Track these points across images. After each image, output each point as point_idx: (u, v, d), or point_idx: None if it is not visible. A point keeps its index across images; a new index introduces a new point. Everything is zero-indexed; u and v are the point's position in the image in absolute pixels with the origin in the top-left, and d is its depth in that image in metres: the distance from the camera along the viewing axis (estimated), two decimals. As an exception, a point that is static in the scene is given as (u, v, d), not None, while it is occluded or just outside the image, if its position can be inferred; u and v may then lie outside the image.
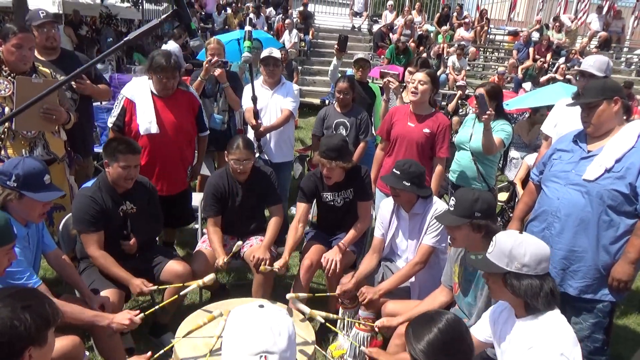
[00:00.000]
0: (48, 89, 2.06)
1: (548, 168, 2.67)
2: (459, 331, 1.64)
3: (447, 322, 1.64)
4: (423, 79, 3.52)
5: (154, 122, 3.35)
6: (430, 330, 1.62)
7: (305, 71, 12.56)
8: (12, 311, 1.30)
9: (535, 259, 1.83)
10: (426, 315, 1.74)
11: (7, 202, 2.27)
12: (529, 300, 1.83)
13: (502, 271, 1.86)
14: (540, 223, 2.64)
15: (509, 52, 13.94)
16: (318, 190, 3.33)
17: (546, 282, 1.82)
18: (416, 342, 1.63)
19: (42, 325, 1.35)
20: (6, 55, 2.97)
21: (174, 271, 2.88)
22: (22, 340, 1.30)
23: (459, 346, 1.62)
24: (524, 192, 3.00)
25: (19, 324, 1.29)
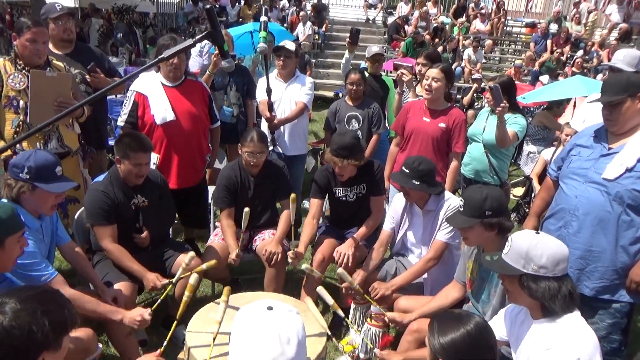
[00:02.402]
0: (97, 93, 2.03)
1: (566, 164, 2.58)
2: (487, 339, 1.58)
3: (477, 326, 1.58)
4: (437, 76, 3.44)
5: (170, 110, 3.34)
6: (458, 329, 1.57)
7: (319, 64, 12.50)
8: (31, 315, 1.28)
9: (553, 260, 1.77)
10: (454, 313, 1.69)
11: (20, 194, 2.29)
12: (546, 303, 1.76)
13: (518, 273, 1.80)
14: (557, 221, 2.56)
15: (526, 45, 13.71)
16: (330, 185, 3.30)
17: (564, 283, 1.76)
18: (440, 335, 1.58)
19: (59, 332, 1.34)
20: (21, 50, 2.99)
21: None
22: (38, 346, 1.29)
23: (484, 354, 1.57)
24: (541, 188, 2.92)
25: (36, 330, 1.27)
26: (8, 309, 1.27)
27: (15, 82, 2.97)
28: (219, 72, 4.20)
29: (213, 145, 3.77)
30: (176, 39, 3.41)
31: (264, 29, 3.63)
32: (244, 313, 1.24)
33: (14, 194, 2.28)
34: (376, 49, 4.80)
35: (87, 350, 2.21)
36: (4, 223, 1.78)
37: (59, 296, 1.43)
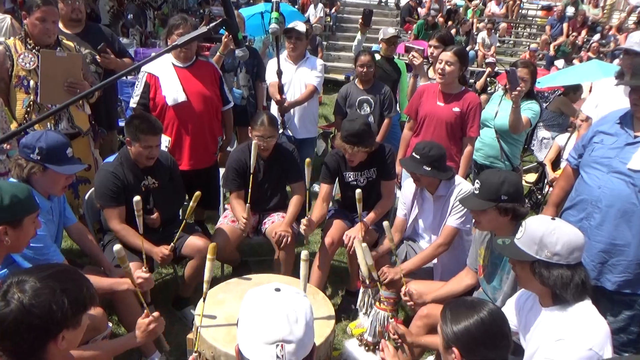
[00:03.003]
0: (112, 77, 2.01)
1: (588, 152, 2.46)
2: (502, 327, 1.55)
3: (491, 314, 1.55)
4: (450, 59, 3.35)
5: (181, 91, 3.32)
6: (471, 317, 1.53)
7: (330, 47, 12.38)
8: (50, 293, 1.28)
9: (568, 248, 1.71)
10: (467, 301, 1.65)
11: (31, 175, 2.29)
12: (557, 291, 1.72)
13: (530, 259, 1.76)
14: (578, 212, 2.45)
15: (542, 28, 13.44)
16: (340, 169, 3.28)
17: (578, 272, 1.71)
18: (453, 323, 1.55)
19: (78, 310, 1.34)
20: (30, 29, 2.98)
21: (195, 246, 2.90)
22: (57, 324, 1.29)
23: (499, 342, 1.53)
24: (560, 176, 2.82)
25: (56, 309, 1.27)
26: (28, 287, 1.27)
27: (26, 61, 2.97)
28: (229, 53, 4.16)
29: (226, 127, 3.75)
30: (187, 19, 3.37)
31: (276, 10, 3.58)
32: (252, 295, 1.24)
33: (24, 174, 2.29)
34: (392, 31, 4.72)
35: (98, 329, 2.23)
36: (22, 202, 1.79)
37: (77, 275, 1.43)
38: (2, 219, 1.74)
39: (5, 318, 1.23)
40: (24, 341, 1.25)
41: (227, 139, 3.82)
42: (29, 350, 1.27)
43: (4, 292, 1.27)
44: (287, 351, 1.13)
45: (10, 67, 2.95)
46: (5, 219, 1.75)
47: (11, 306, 1.24)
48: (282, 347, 1.13)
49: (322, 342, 2.17)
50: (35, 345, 1.27)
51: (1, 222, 1.74)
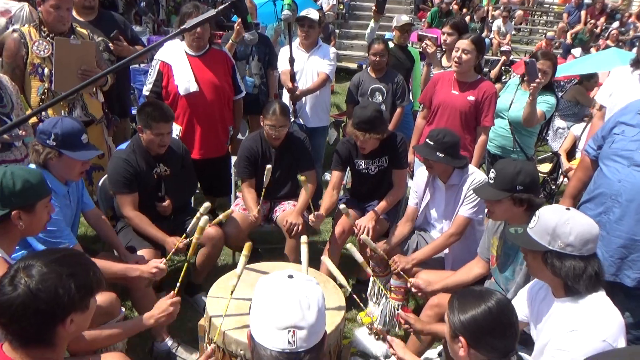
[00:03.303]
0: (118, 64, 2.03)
1: (608, 144, 2.38)
2: (509, 316, 1.54)
3: (498, 303, 1.53)
4: (467, 47, 3.30)
5: (193, 80, 3.33)
6: (479, 306, 1.52)
7: (342, 35, 12.28)
8: (57, 278, 1.29)
9: (582, 239, 1.68)
10: (475, 290, 1.64)
11: (47, 160, 2.33)
12: (570, 283, 1.69)
13: (543, 249, 1.73)
14: (597, 206, 2.38)
15: (559, 16, 13.19)
16: (352, 157, 3.27)
17: (591, 263, 1.68)
18: (460, 312, 1.54)
19: (85, 294, 1.35)
20: (45, 16, 3.00)
21: (207, 234, 2.92)
22: (64, 308, 1.31)
23: (506, 331, 1.52)
24: (578, 167, 2.74)
25: (62, 293, 1.29)
26: (34, 272, 1.29)
27: (40, 49, 2.99)
28: (241, 41, 4.15)
29: (235, 117, 3.75)
30: (199, 7, 3.36)
31: None
32: (265, 281, 1.24)
33: (41, 159, 2.33)
34: (406, 18, 4.66)
35: (111, 314, 2.27)
36: (34, 187, 1.81)
37: (84, 259, 1.45)
38: (15, 204, 1.76)
39: (12, 302, 1.25)
40: (31, 325, 1.26)
41: (237, 128, 3.83)
42: (36, 334, 1.28)
43: (12, 276, 1.29)
44: (299, 337, 1.14)
45: (25, 55, 2.97)
46: (18, 204, 1.77)
47: (18, 291, 1.26)
48: (294, 333, 1.14)
49: (333, 330, 2.18)
50: (43, 329, 1.29)
51: (14, 207, 1.76)
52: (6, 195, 1.74)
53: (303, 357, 1.15)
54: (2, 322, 1.27)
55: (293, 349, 1.14)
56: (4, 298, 1.26)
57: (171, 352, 2.69)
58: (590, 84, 6.09)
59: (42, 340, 1.30)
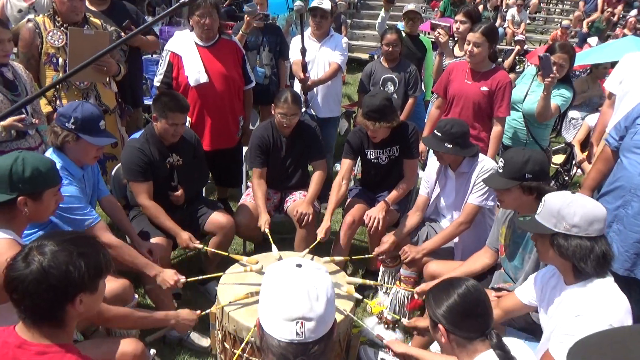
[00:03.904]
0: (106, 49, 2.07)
1: (630, 135, 2.32)
2: (478, 297, 1.59)
3: (467, 287, 1.59)
4: (477, 40, 3.25)
5: (203, 71, 3.34)
6: (450, 296, 1.58)
7: (354, 25, 12.18)
8: (68, 256, 1.34)
9: (587, 219, 1.69)
10: (445, 281, 1.70)
11: (65, 142, 2.38)
12: (576, 263, 1.70)
13: (549, 232, 1.75)
14: (615, 199, 2.34)
15: (575, 4, 12.93)
16: (363, 146, 3.26)
17: (598, 244, 1.69)
18: (437, 307, 1.60)
19: (95, 274, 1.39)
20: (59, 6, 3.03)
21: (217, 222, 2.95)
22: (75, 286, 1.35)
23: (477, 309, 1.58)
24: (598, 158, 2.68)
25: (73, 270, 1.33)
26: (47, 250, 1.34)
27: (55, 39, 3.02)
28: (252, 31, 4.15)
29: (245, 107, 3.76)
30: None
31: None
32: (273, 270, 1.24)
33: (59, 141, 2.37)
34: (411, 6, 4.61)
35: (125, 300, 2.31)
36: (43, 175, 1.83)
37: (94, 241, 1.49)
38: (22, 190, 1.77)
39: (25, 278, 1.30)
40: (44, 301, 1.32)
41: (247, 118, 3.83)
42: (48, 310, 1.33)
43: (25, 255, 1.34)
44: (307, 328, 1.14)
45: (39, 45, 3.01)
46: (26, 191, 1.78)
47: (31, 267, 1.31)
48: (302, 324, 1.13)
49: (342, 319, 2.20)
50: (55, 306, 1.34)
51: (22, 193, 1.77)
52: (14, 180, 1.76)
53: (311, 347, 1.15)
54: (15, 299, 1.33)
55: (301, 340, 1.14)
56: (17, 274, 1.32)
57: (183, 339, 2.73)
58: (599, 71, 5.98)
59: (54, 318, 1.35)
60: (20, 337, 1.33)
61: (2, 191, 1.75)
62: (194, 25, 3.36)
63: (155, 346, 2.42)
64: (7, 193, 1.75)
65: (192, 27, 3.40)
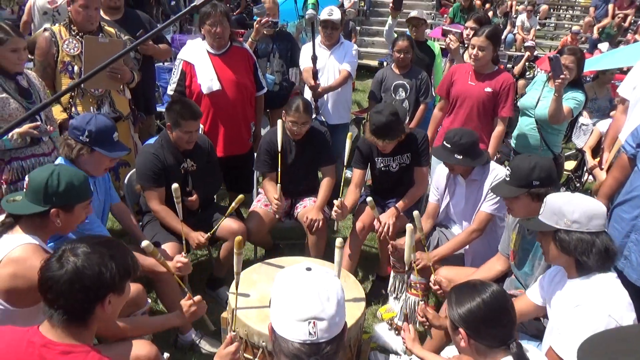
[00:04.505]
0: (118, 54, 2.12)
1: None
2: (504, 305, 1.58)
3: (493, 294, 1.58)
4: (482, 44, 3.30)
5: (215, 79, 3.38)
6: (474, 299, 1.57)
7: (363, 32, 12.23)
8: (100, 258, 1.41)
9: (586, 215, 1.74)
10: (470, 283, 1.69)
11: (79, 155, 2.41)
12: (578, 257, 1.74)
13: (551, 229, 1.80)
14: (633, 209, 2.31)
15: (585, 10, 12.87)
16: (373, 154, 3.28)
17: (599, 238, 1.73)
18: (457, 306, 1.60)
19: (124, 275, 1.46)
20: (74, 15, 3.09)
21: (230, 228, 2.97)
22: (106, 286, 1.41)
23: (502, 320, 1.57)
24: (614, 166, 2.66)
25: (105, 271, 1.40)
26: (80, 252, 1.41)
27: (70, 47, 3.08)
28: (263, 39, 4.19)
29: (256, 113, 3.79)
30: (217, 5, 3.38)
31: None
32: (284, 274, 1.27)
33: (73, 154, 2.41)
34: (414, 13, 4.63)
35: (138, 305, 2.34)
36: (76, 190, 1.91)
37: (122, 245, 1.57)
38: (56, 203, 1.85)
39: (60, 278, 1.36)
40: (77, 301, 1.37)
41: (258, 124, 3.86)
42: (80, 309, 1.39)
43: (59, 256, 1.41)
44: (320, 328, 1.16)
45: (55, 53, 3.07)
46: (59, 203, 1.86)
47: (66, 268, 1.37)
48: (314, 324, 1.16)
49: (353, 325, 2.20)
50: (86, 305, 1.39)
51: (55, 205, 1.85)
52: (49, 193, 1.84)
53: (324, 347, 1.17)
54: (49, 298, 1.38)
55: (314, 340, 1.16)
56: (51, 274, 1.37)
57: (195, 344, 2.75)
58: (606, 77, 5.95)
59: (82, 318, 1.40)
60: (44, 336, 1.37)
61: (36, 202, 1.84)
62: (206, 34, 3.41)
63: (168, 350, 2.45)
64: (41, 205, 1.84)
65: (204, 35, 3.45)
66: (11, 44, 2.63)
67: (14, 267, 1.72)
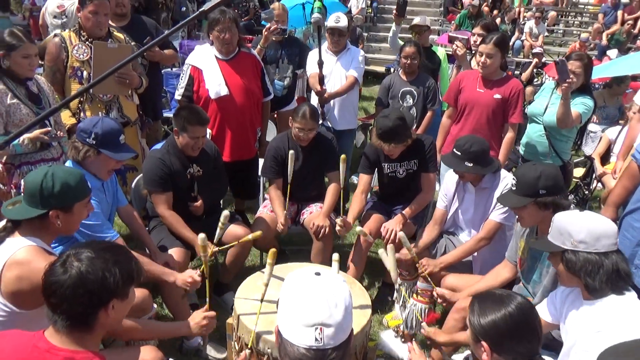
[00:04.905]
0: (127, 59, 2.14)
1: None
2: (531, 320, 1.52)
3: (520, 307, 1.52)
4: (490, 51, 3.29)
5: (223, 84, 3.39)
6: (499, 311, 1.51)
7: (370, 38, 12.26)
8: (104, 263, 1.41)
9: (593, 235, 1.69)
10: (496, 294, 1.61)
11: (86, 157, 2.43)
12: (583, 279, 1.69)
13: (558, 249, 1.76)
14: None
15: (594, 17, 12.81)
16: (379, 160, 3.27)
17: (609, 259, 1.67)
18: (480, 316, 1.53)
19: (127, 281, 1.46)
20: (84, 21, 3.12)
21: (235, 234, 2.96)
22: (110, 292, 1.41)
23: (528, 335, 1.51)
24: (623, 174, 2.65)
25: (108, 276, 1.40)
26: (84, 257, 1.41)
27: (80, 53, 3.11)
28: (271, 45, 4.21)
29: (262, 119, 3.80)
30: (226, 12, 3.39)
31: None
32: (292, 278, 1.26)
33: (80, 156, 2.43)
34: (417, 20, 4.64)
35: (143, 310, 2.34)
36: (72, 190, 1.89)
37: (127, 250, 1.57)
38: (53, 205, 1.83)
39: (64, 283, 1.37)
40: (80, 305, 1.37)
41: (263, 130, 3.87)
42: (83, 314, 1.38)
43: (63, 261, 1.41)
44: (326, 334, 1.15)
45: (65, 59, 3.10)
46: (57, 205, 1.84)
47: (70, 272, 1.38)
48: (321, 330, 1.15)
49: (359, 332, 2.18)
50: (89, 310, 1.39)
51: (52, 207, 1.83)
52: (45, 196, 1.82)
53: (330, 354, 1.16)
54: (52, 303, 1.38)
55: (320, 345, 1.15)
56: (55, 278, 1.38)
57: (200, 349, 2.74)
58: (620, 88, 5.90)
59: (85, 323, 1.40)
60: (49, 341, 1.37)
61: (34, 206, 1.82)
62: (214, 40, 3.42)
63: (173, 356, 2.44)
64: (39, 208, 1.82)
65: (212, 41, 3.46)
66: (23, 50, 2.66)
67: (18, 269, 1.72)
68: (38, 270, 1.48)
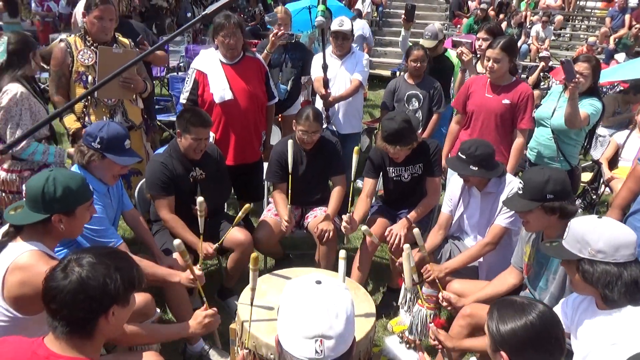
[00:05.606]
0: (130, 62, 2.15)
1: None
2: (554, 330, 1.46)
3: (540, 317, 1.45)
4: (497, 56, 3.24)
5: (228, 89, 3.39)
6: (520, 319, 1.45)
7: (376, 42, 12.23)
8: (105, 269, 1.40)
9: (612, 244, 1.63)
10: (517, 301, 1.55)
11: (90, 161, 2.44)
12: (601, 290, 1.63)
13: (574, 257, 1.70)
14: None
15: (601, 20, 12.74)
16: (384, 164, 3.25)
17: (627, 270, 1.62)
18: (500, 323, 1.47)
19: (128, 288, 1.45)
20: (89, 26, 3.13)
21: (236, 239, 2.95)
22: (110, 298, 1.40)
23: (550, 346, 1.45)
24: (629, 177, 2.63)
25: (109, 282, 1.39)
26: (85, 262, 1.40)
27: (85, 57, 3.12)
28: (275, 49, 4.20)
29: (267, 123, 3.78)
30: (230, 16, 3.39)
31: (323, 3, 3.59)
32: (293, 286, 1.24)
33: (85, 160, 2.44)
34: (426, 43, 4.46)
35: (146, 315, 2.32)
36: (74, 193, 1.89)
37: (128, 256, 1.56)
38: (56, 210, 1.83)
39: (64, 288, 1.35)
40: (80, 311, 1.36)
41: (268, 133, 3.86)
42: (83, 320, 1.37)
43: (64, 266, 1.40)
44: (327, 347, 1.13)
45: (70, 64, 3.11)
46: (60, 210, 1.84)
47: (70, 278, 1.36)
48: (321, 342, 1.12)
49: (363, 338, 2.16)
50: (89, 316, 1.38)
51: (55, 212, 1.83)
52: (47, 200, 1.82)
53: None
54: (52, 309, 1.36)
55: (320, 358, 1.13)
56: (55, 284, 1.37)
57: (203, 354, 2.73)
58: (636, 97, 5.81)
59: (85, 330, 1.38)
60: (48, 348, 1.36)
61: (36, 211, 1.82)
62: (219, 45, 3.43)
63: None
64: (41, 213, 1.82)
65: (217, 45, 3.47)
66: None
67: (21, 274, 1.71)
68: (41, 275, 1.47)
